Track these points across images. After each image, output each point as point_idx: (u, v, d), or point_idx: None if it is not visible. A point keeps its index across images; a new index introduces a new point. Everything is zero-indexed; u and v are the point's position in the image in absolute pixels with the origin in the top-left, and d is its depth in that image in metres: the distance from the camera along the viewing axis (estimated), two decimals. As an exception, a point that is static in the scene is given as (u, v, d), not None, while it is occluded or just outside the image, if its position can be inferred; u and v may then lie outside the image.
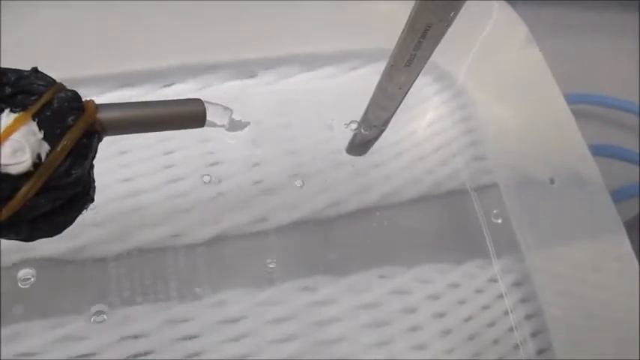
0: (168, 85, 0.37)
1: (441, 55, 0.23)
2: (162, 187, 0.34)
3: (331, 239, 0.34)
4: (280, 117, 0.37)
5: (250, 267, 0.33)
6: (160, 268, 0.32)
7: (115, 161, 0.34)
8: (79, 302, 0.30)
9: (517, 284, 0.35)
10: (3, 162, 0.16)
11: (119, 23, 0.36)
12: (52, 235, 0.20)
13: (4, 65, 0.18)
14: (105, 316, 0.30)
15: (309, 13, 0.38)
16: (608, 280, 0.33)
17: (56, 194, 0.18)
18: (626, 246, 0.33)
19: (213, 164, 0.35)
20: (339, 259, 0.33)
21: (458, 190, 0.37)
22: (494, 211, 0.36)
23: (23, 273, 0.30)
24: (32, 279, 0.30)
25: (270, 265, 0.33)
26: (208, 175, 0.34)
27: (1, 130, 0.16)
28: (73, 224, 0.20)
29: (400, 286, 0.34)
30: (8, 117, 0.17)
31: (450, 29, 0.21)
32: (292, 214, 0.34)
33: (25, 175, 0.17)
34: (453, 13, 0.20)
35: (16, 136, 0.17)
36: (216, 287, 0.32)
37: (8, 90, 0.17)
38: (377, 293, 0.33)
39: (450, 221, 0.36)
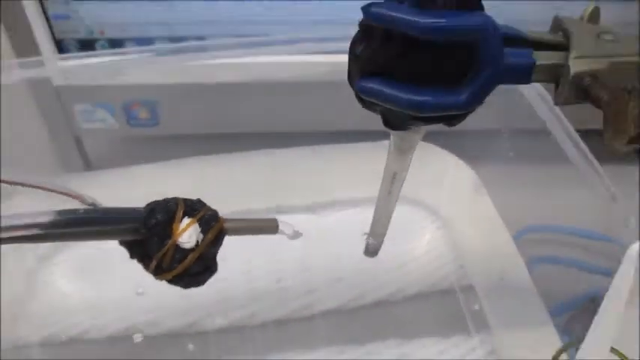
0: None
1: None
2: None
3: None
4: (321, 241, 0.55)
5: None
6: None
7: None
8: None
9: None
10: (183, 241, 0.34)
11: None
12: (196, 286, 0.37)
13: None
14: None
15: (331, 167, 0.58)
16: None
17: (203, 263, 0.35)
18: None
19: (280, 269, 0.52)
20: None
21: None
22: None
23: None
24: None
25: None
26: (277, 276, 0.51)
27: (184, 226, 0.35)
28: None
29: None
30: (187, 220, 0.35)
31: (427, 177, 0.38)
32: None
33: (190, 250, 0.35)
34: (408, 163, 0.37)
35: (190, 230, 0.35)
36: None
37: (188, 209, 0.35)
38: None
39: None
